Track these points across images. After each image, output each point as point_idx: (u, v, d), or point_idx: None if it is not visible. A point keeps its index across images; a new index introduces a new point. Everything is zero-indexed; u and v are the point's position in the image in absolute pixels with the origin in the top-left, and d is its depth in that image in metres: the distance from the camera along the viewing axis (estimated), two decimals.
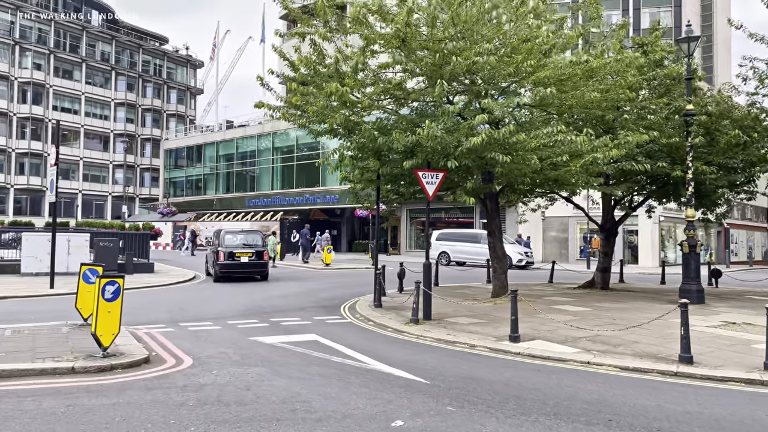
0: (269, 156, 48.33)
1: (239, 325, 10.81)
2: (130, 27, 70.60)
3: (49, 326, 9.48)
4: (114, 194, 66.74)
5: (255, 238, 21.59)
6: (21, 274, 19.55)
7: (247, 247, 20.41)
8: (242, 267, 20.04)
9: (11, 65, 57.41)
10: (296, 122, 13.44)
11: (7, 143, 57.28)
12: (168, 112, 71.76)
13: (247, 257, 20.07)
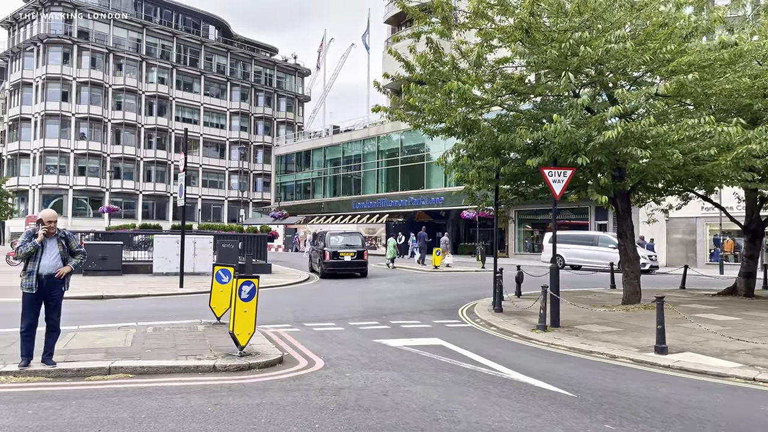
0: (374, 159, 48.88)
1: (361, 326, 10.76)
2: (243, 40, 74.41)
3: (186, 324, 9.90)
4: (230, 199, 70.53)
5: (356, 239, 23.46)
6: (153, 273, 20.94)
7: (349, 247, 22.48)
8: (345, 265, 22.17)
9: (139, 80, 62.37)
10: (412, 123, 13.24)
11: (135, 153, 62.24)
12: (278, 119, 74.84)
13: (350, 256, 22.18)
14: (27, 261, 6.57)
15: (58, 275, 6.61)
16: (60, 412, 5.31)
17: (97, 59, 59.19)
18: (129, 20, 61.67)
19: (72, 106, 57.66)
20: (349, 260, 22.17)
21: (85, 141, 58.33)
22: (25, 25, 59.64)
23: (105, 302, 14.42)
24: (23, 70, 58.14)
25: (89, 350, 7.56)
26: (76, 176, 58.14)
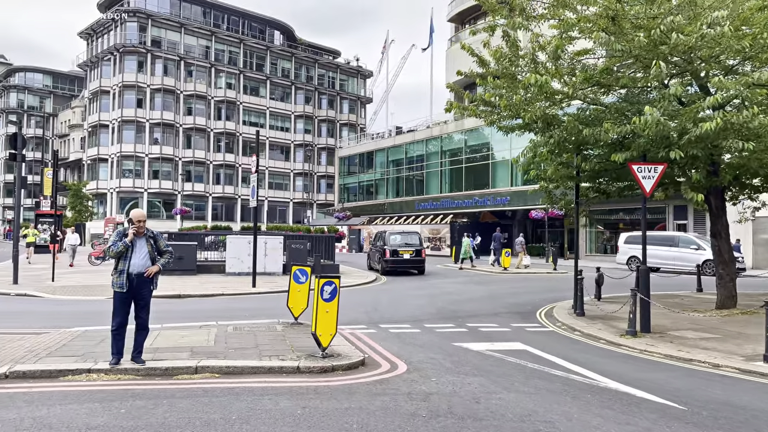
0: (437, 159, 48.47)
1: (438, 329, 10.48)
2: (307, 44, 75.57)
3: (264, 324, 9.92)
4: (294, 200, 71.76)
5: (414, 238, 24.85)
6: (226, 273, 21.38)
7: (408, 246, 23.90)
8: (404, 262, 23.55)
9: (208, 86, 64.36)
10: (487, 119, 12.85)
11: (205, 156, 64.25)
12: (341, 121, 75.56)
13: (408, 254, 23.57)
14: (118, 260, 6.68)
15: (147, 274, 6.68)
16: (152, 411, 5.31)
17: (169, 66, 61.50)
18: (199, 28, 63.78)
19: (146, 112, 60.15)
20: (408, 258, 23.48)
21: (158, 146, 60.72)
22: (103, 36, 62.71)
23: (182, 301, 14.76)
24: (101, 78, 61.12)
25: (175, 349, 7.63)
26: (150, 179, 60.59)
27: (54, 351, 7.38)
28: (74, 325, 9.99)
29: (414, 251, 23.66)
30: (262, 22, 70.57)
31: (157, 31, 61.14)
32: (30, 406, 5.39)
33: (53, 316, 11.65)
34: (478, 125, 44.61)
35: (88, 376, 6.41)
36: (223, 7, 66.71)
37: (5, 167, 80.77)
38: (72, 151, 70.94)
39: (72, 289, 16.43)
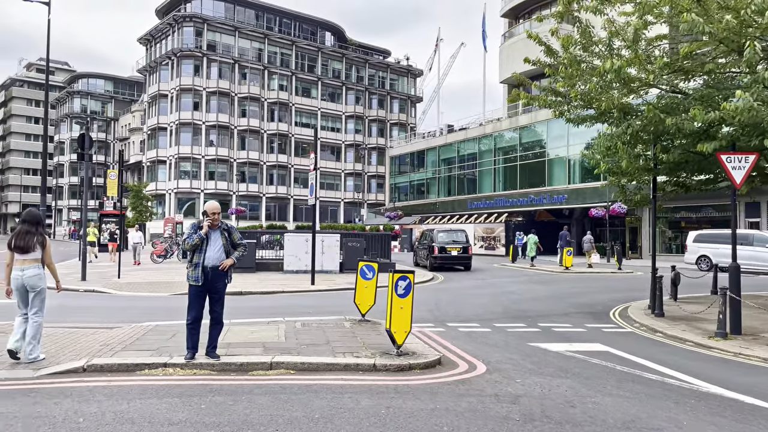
0: (491, 157, 47.64)
1: (508, 328, 10.05)
2: (357, 44, 75.83)
3: (332, 320, 9.72)
4: (345, 200, 72.10)
5: (461, 235, 25.40)
6: (284, 271, 21.45)
7: (455, 243, 24.53)
8: (451, 259, 24.15)
9: (261, 88, 65.42)
10: (556, 110, 12.29)
11: (259, 157, 65.33)
12: (391, 121, 75.47)
13: (456, 251, 24.19)
14: (193, 253, 6.58)
15: (222, 267, 6.55)
16: (232, 408, 5.14)
17: (224, 70, 62.81)
18: (252, 31, 64.88)
19: (202, 114, 61.61)
20: (456, 254, 24.14)
21: (214, 147, 62.09)
22: (161, 41, 64.61)
23: (245, 298, 14.80)
24: (159, 82, 62.99)
25: (247, 344, 7.50)
26: (206, 180, 62.03)
27: (128, 345, 7.37)
28: (144, 320, 10.08)
29: (461, 248, 24.36)
30: (314, 23, 71.23)
31: (212, 35, 62.54)
32: (110, 400, 5.32)
33: (122, 311, 11.82)
34: (532, 122, 43.62)
35: (164, 370, 6.33)
36: (276, 10, 67.67)
37: (70, 170, 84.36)
38: (132, 153, 73.44)
39: (137, 285, 16.76)
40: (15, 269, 6.58)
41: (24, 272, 6.53)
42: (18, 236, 6.60)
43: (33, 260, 6.58)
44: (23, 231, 6.63)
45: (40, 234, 6.71)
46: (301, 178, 69.44)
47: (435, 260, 23.73)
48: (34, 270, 6.57)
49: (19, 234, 6.61)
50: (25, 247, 6.53)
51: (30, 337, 6.48)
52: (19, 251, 6.55)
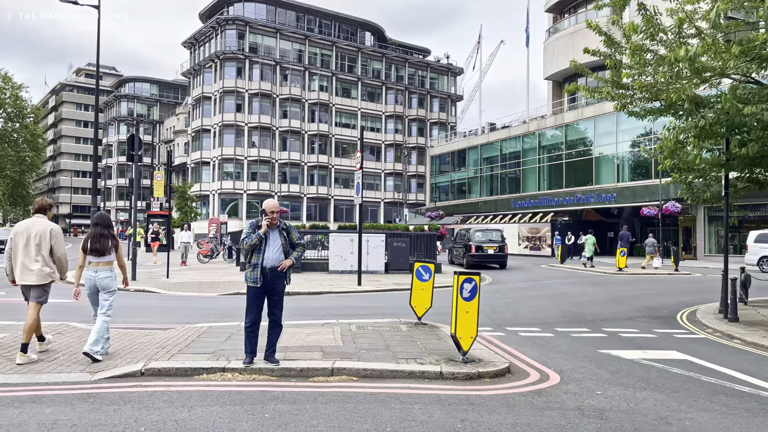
0: (534, 156, 46.62)
1: (572, 333, 9.52)
2: (397, 43, 75.55)
3: (387, 323, 9.38)
4: (385, 200, 71.89)
5: (496, 235, 26.37)
6: (329, 271, 21.27)
7: (491, 242, 25.49)
8: (488, 257, 25.11)
9: (302, 89, 65.80)
10: (620, 102, 11.66)
11: (300, 158, 65.72)
12: (431, 120, 74.93)
13: (492, 249, 25.17)
14: (251, 254, 6.33)
15: (281, 268, 6.29)
16: (297, 417, 4.84)
17: (266, 71, 63.40)
18: (293, 33, 65.31)
19: (245, 116, 62.32)
20: (492, 253, 25.09)
21: (256, 148, 62.75)
22: (204, 44, 65.66)
23: (293, 298, 14.62)
24: (203, 85, 64.01)
25: (304, 348, 7.23)
26: (248, 181, 62.73)
27: (184, 348, 7.18)
28: (195, 321, 9.95)
29: (497, 247, 25.25)
30: (353, 23, 71.27)
31: (254, 37, 63.19)
32: (170, 408, 5.09)
33: (173, 311, 11.76)
34: (578, 119, 42.46)
35: (222, 375, 6.09)
36: (316, 11, 67.94)
37: (118, 172, 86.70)
38: (177, 155, 74.89)
39: (186, 285, 16.79)
40: (88, 271, 6.73)
41: (97, 274, 6.71)
42: (93, 239, 6.73)
43: (106, 263, 6.78)
44: (97, 234, 6.75)
45: (113, 237, 6.85)
46: (342, 179, 69.58)
47: (472, 258, 24.52)
48: (107, 272, 6.76)
49: (93, 237, 6.74)
50: (100, 249, 6.71)
51: (98, 335, 6.61)
52: (94, 254, 6.71)
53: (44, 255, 6.65)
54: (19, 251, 6.63)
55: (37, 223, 6.73)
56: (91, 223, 7.00)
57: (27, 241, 6.62)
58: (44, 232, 6.67)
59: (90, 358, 6.46)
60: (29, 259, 6.60)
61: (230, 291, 15.73)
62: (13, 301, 12.50)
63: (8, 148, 58.95)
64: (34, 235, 6.64)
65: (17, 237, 6.68)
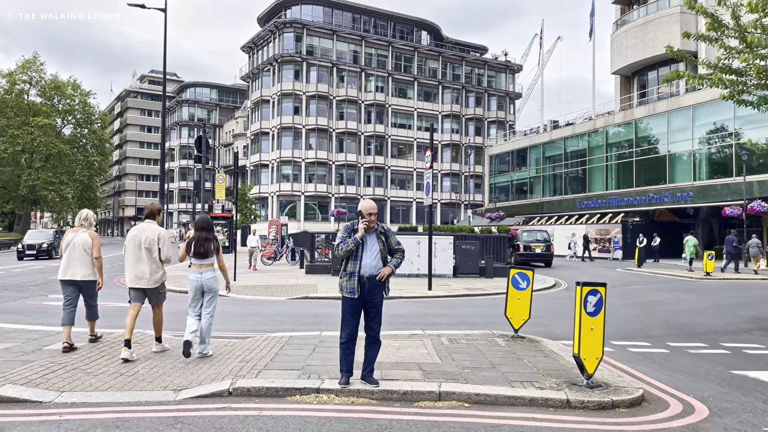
0: (602, 154, 44.63)
1: (688, 349, 8.44)
2: (454, 42, 74.40)
3: (479, 335, 8.55)
4: (442, 201, 70.83)
5: (544, 235, 28.40)
6: (395, 275, 20.57)
7: (538, 242, 27.32)
8: (536, 256, 26.96)
9: (359, 90, 65.60)
10: (733, 89, 10.45)
11: (356, 159, 65.52)
12: (489, 119, 73.39)
13: (539, 249, 27.07)
14: (347, 261, 5.67)
15: (380, 277, 5.59)
16: None
17: (323, 73, 63.53)
18: (349, 34, 65.21)
19: (302, 118, 62.62)
20: (539, 252, 26.93)
21: (313, 150, 62.93)
22: (262, 48, 66.42)
23: None
24: (262, 89, 64.73)
25: (399, 365, 6.51)
26: (306, 183, 62.98)
27: (270, 362, 6.59)
28: (271, 329, 9.44)
29: (544, 246, 27.10)
30: (410, 23, 70.59)
31: (311, 39, 63.43)
32: None
33: (246, 317, 11.31)
34: (650, 114, 40.27)
35: (317, 397, 5.44)
36: (372, 12, 67.64)
37: (180, 175, 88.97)
38: None
39: (253, 289, 16.45)
40: (193, 272, 7.02)
41: (203, 275, 6.98)
42: (198, 243, 6.99)
43: (209, 264, 7.05)
44: (202, 238, 7.01)
45: (215, 239, 7.11)
46: (398, 180, 68.98)
47: (519, 257, 26.48)
48: (211, 273, 7.04)
49: (198, 241, 7.00)
50: (204, 252, 6.97)
51: (205, 335, 6.96)
52: (198, 256, 6.97)
53: (155, 259, 7.03)
54: (130, 256, 7.00)
55: (147, 229, 7.06)
56: (194, 227, 7.30)
57: (138, 246, 6.99)
58: (153, 237, 7.02)
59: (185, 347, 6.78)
60: (141, 264, 6.98)
61: (298, 295, 15.27)
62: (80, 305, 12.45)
63: (78, 153, 61.26)
64: (144, 240, 6.99)
65: (129, 242, 7.04)
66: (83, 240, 7.16)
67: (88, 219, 7.39)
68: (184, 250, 7.02)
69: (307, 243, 28.05)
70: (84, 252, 7.15)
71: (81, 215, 7.43)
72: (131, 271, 6.98)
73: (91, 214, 7.49)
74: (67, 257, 7.14)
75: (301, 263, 25.28)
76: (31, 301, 13.33)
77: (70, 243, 7.15)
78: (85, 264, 7.15)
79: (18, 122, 56.01)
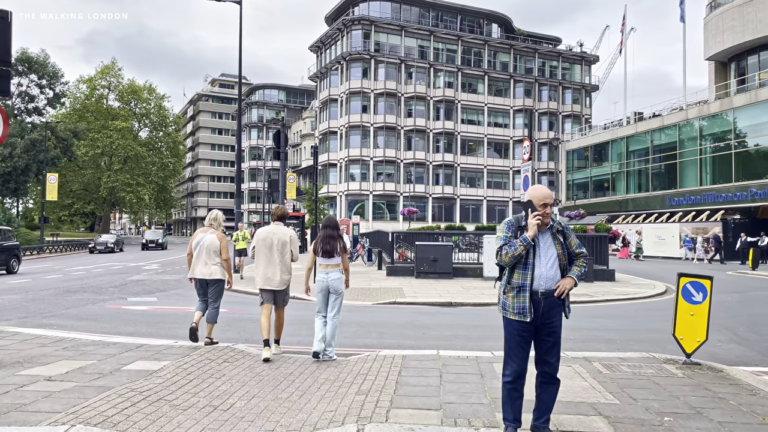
0: (694, 146, 41.15)
1: None
2: (526, 34, 71.58)
3: (640, 360, 6.86)
4: (514, 199, 68.20)
5: None
6: (484, 277, 18.98)
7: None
8: None
9: (427, 86, 64.00)
10: None
11: (425, 157, 63.95)
12: (563, 113, 70.13)
13: None
14: (511, 270, 4.20)
15: (559, 292, 4.08)
16: None
17: (390, 70, 62.36)
18: (417, 29, 63.78)
19: (370, 116, 61.68)
20: None
21: (381, 149, 61.89)
22: (330, 47, 66.00)
23: (457, 311, 12.56)
24: (330, 88, 64.28)
25: (568, 405, 4.97)
26: (374, 182, 62.01)
27: (394, 396, 5.20)
28: (371, 341, 8.20)
29: None
30: (479, 15, 68.40)
31: (379, 36, 62.42)
32: None
33: (341, 326, 10.00)
34: (751, 101, 36.64)
35: None
36: (440, 5, 65.92)
37: (249, 176, 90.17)
38: (303, 159, 76.26)
39: None
40: (320, 272, 6.83)
41: (329, 275, 6.80)
42: (324, 241, 6.80)
43: (335, 265, 6.83)
44: (327, 236, 6.82)
45: (341, 239, 6.88)
46: (467, 177, 66.94)
47: None
48: (337, 274, 6.83)
49: (324, 239, 6.81)
50: (330, 251, 6.77)
51: (330, 338, 6.78)
52: (325, 256, 6.78)
53: (286, 261, 6.99)
54: (261, 258, 6.96)
55: (277, 231, 7.02)
56: (320, 226, 7.08)
57: (269, 248, 6.95)
58: (285, 239, 6.99)
59: (314, 357, 6.70)
60: (272, 266, 6.94)
61: (384, 300, 14.00)
62: (161, 310, 11.58)
63: (153, 155, 62.82)
64: (276, 242, 6.95)
65: (260, 244, 6.99)
66: (212, 241, 7.29)
67: (217, 219, 7.52)
68: (311, 252, 6.93)
69: (383, 243, 26.82)
70: (212, 252, 7.28)
71: (210, 216, 7.57)
72: (262, 273, 6.96)
73: (220, 215, 7.58)
74: (196, 257, 7.31)
75: (379, 264, 24.06)
76: (110, 305, 12.61)
77: (200, 243, 7.30)
78: (211, 263, 7.26)
79: (98, 126, 57.94)
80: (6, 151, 40.82)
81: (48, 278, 19.84)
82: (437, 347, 7.76)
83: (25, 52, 44.43)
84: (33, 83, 45.62)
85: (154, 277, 19.66)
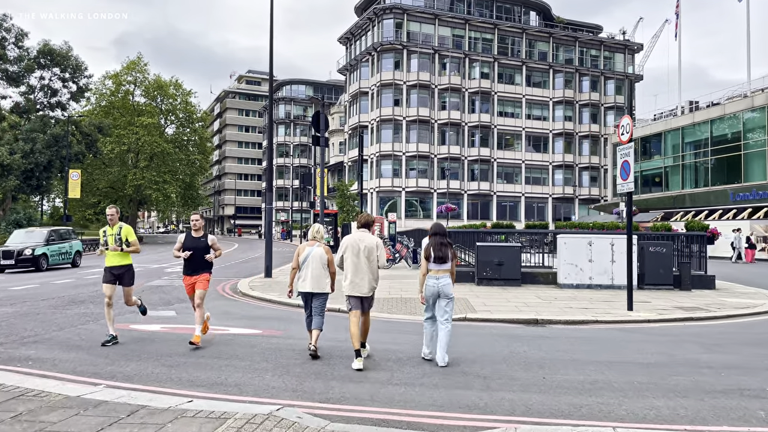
0: (762, 136, 37.47)
1: None
2: (566, 22, 68.01)
3: None
4: (554, 196, 64.79)
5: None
6: (559, 285, 16.06)
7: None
8: None
9: (462, 77, 60.94)
10: None
11: (459, 152, 60.91)
12: (606, 104, 66.38)
13: None
14: None
15: None
16: None
17: (424, 61, 59.51)
18: (452, 17, 60.79)
19: (402, 110, 58.92)
20: None
21: (414, 143, 59.09)
22: (360, 38, 63.38)
23: (550, 332, 9.75)
24: (360, 80, 61.68)
25: None
26: (407, 178, 59.25)
27: None
28: (472, 393, 5.39)
29: None
30: (516, 3, 65.15)
31: (411, 25, 59.64)
32: None
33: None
34: None
35: None
36: None
37: (277, 173, 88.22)
38: (332, 155, 73.86)
39: (388, 303, 12.64)
40: (430, 278, 7.00)
41: (439, 281, 6.97)
42: (436, 248, 6.97)
43: (446, 270, 7.00)
44: (438, 243, 6.99)
45: (451, 245, 7.01)
46: (504, 173, 63.72)
47: None
48: (447, 279, 6.99)
49: (435, 246, 6.98)
50: (443, 257, 6.96)
51: (444, 344, 6.87)
52: (438, 261, 6.95)
53: (373, 267, 7.05)
54: (349, 264, 7.02)
55: (364, 238, 7.10)
56: (429, 232, 7.22)
57: (357, 255, 7.00)
58: (372, 246, 7.05)
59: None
60: (360, 272, 6.98)
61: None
62: (178, 330, 8.86)
63: (180, 152, 60.94)
64: (364, 248, 7.01)
65: (347, 251, 7.06)
66: (320, 254, 7.38)
67: (320, 232, 7.66)
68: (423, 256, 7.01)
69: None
70: (320, 266, 7.34)
71: (313, 229, 7.67)
72: (350, 280, 7.03)
73: (322, 229, 7.71)
74: (304, 270, 7.36)
75: None
76: (116, 323, 10.07)
77: (308, 257, 7.36)
78: (320, 276, 7.32)
79: (124, 122, 56.24)
80: (27, 146, 39.10)
81: (58, 282, 17.58)
82: (590, 412, 4.99)
83: (47, 44, 42.70)
84: (55, 76, 43.89)
85: (175, 283, 17.24)
